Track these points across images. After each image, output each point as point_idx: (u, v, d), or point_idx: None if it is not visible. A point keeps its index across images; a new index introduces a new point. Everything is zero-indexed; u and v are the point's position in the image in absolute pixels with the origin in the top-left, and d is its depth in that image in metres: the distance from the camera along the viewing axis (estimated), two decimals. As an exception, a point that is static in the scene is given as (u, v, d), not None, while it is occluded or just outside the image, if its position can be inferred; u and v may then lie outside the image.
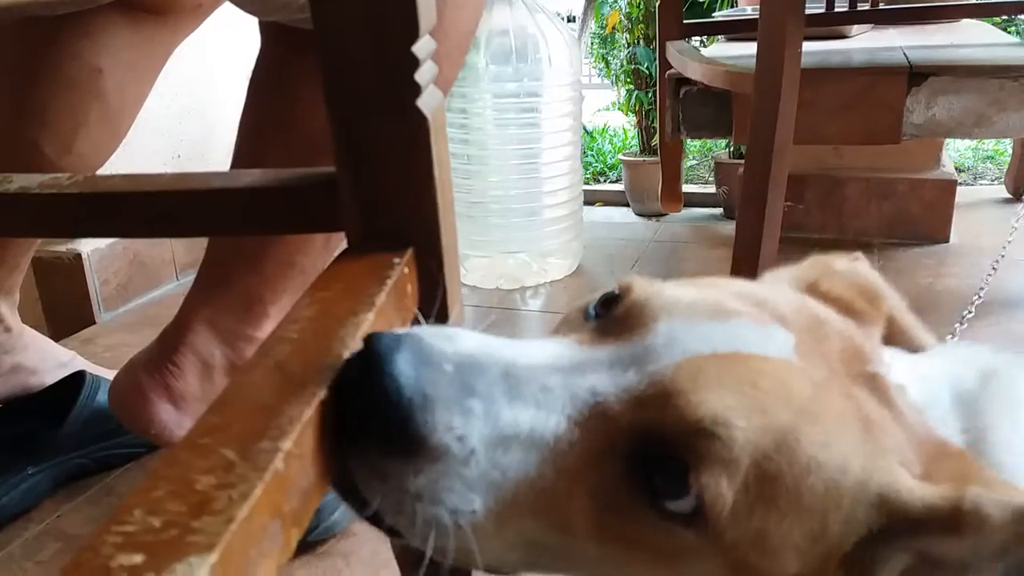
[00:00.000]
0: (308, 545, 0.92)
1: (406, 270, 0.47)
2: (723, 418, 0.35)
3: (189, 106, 1.78)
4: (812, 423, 0.37)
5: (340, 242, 0.52)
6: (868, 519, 0.38)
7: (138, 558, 0.25)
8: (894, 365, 0.45)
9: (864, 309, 0.49)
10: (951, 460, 0.40)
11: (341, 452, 0.35)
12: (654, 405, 0.36)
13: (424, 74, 0.46)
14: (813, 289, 0.49)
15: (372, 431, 0.34)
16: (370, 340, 0.35)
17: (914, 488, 0.38)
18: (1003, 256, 1.34)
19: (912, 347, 0.52)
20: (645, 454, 0.36)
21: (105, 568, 0.25)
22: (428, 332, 0.37)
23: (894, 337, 0.51)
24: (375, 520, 0.37)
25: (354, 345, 0.37)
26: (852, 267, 0.52)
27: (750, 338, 0.39)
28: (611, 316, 0.42)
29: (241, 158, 0.79)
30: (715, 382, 0.37)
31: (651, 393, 0.37)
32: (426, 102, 0.46)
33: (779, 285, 0.49)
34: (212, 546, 0.26)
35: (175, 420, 0.85)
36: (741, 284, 0.45)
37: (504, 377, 0.37)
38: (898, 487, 0.38)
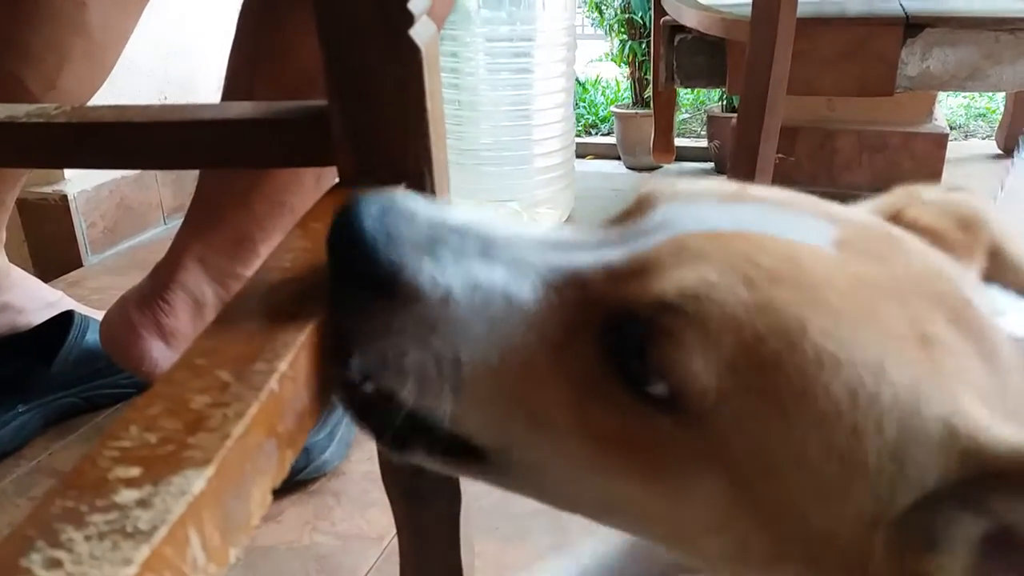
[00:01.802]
0: (299, 484, 0.94)
1: (398, 205, 0.47)
2: (692, 291, 0.31)
3: (175, 46, 1.74)
4: (829, 313, 0.31)
5: (330, 182, 0.51)
6: (927, 461, 0.30)
7: (135, 471, 0.26)
8: (1008, 309, 0.36)
9: (959, 240, 0.39)
10: None
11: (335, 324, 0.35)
12: (629, 280, 0.33)
13: (417, 4, 0.45)
14: (897, 219, 0.40)
15: (343, 278, 0.34)
16: (347, 196, 0.35)
17: (996, 426, 0.30)
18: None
19: None
20: (620, 333, 0.33)
21: (103, 479, 0.25)
22: (409, 194, 0.36)
23: (1002, 276, 0.41)
24: (356, 405, 0.37)
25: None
26: (946, 195, 0.43)
27: (767, 221, 0.34)
28: (622, 213, 0.38)
29: (231, 92, 0.78)
30: (698, 256, 0.32)
31: (628, 268, 0.33)
32: (419, 33, 0.45)
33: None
34: (208, 461, 0.26)
35: (166, 357, 0.86)
36: (791, 192, 0.38)
37: (479, 238, 0.35)
38: (973, 421, 0.30)
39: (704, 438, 0.31)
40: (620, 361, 0.32)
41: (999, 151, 2.25)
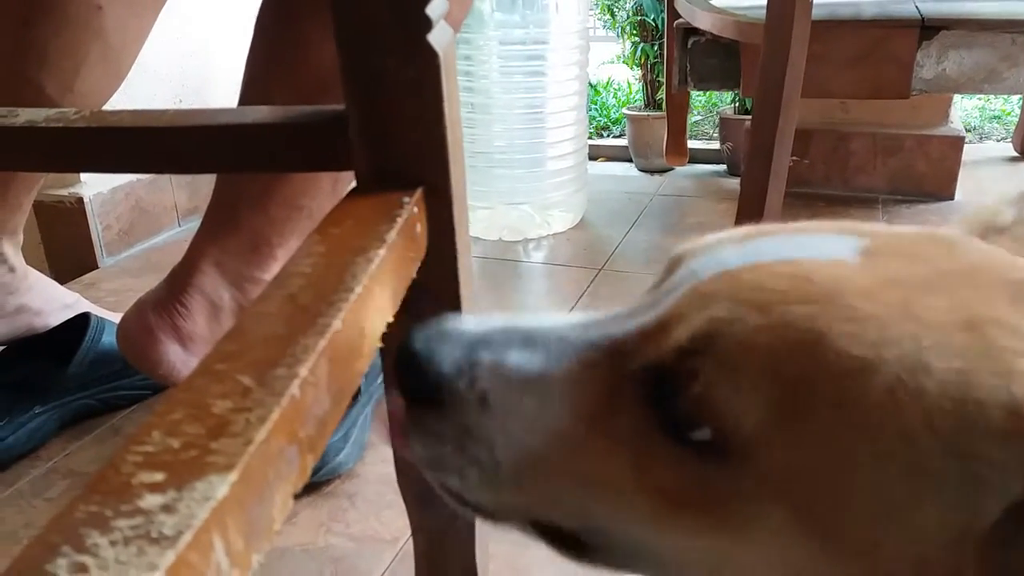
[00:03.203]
0: (313, 485, 0.94)
1: (415, 209, 0.47)
2: (704, 331, 0.32)
3: (190, 50, 1.75)
4: (849, 318, 0.30)
5: (347, 186, 0.51)
6: (1001, 456, 0.27)
7: (159, 476, 0.26)
8: None
9: None
10: None
11: None
12: (656, 337, 0.34)
13: (435, 8, 0.45)
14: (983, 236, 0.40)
15: (407, 397, 0.38)
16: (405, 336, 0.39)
17: None
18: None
19: None
20: (655, 387, 0.34)
21: (127, 484, 0.25)
22: (459, 317, 0.39)
23: None
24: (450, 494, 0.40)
25: (365, 279, 0.38)
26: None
27: (781, 249, 0.34)
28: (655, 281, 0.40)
29: (248, 96, 0.79)
30: (710, 298, 0.33)
31: (655, 327, 0.35)
32: (437, 38, 0.45)
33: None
34: (231, 466, 0.26)
35: (183, 360, 0.86)
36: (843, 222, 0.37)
37: (518, 332, 0.38)
38: None
39: (757, 474, 0.30)
40: (661, 415, 0.33)
41: (1015, 153, 2.23)
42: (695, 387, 0.31)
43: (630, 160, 2.43)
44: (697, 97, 3.13)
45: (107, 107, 0.99)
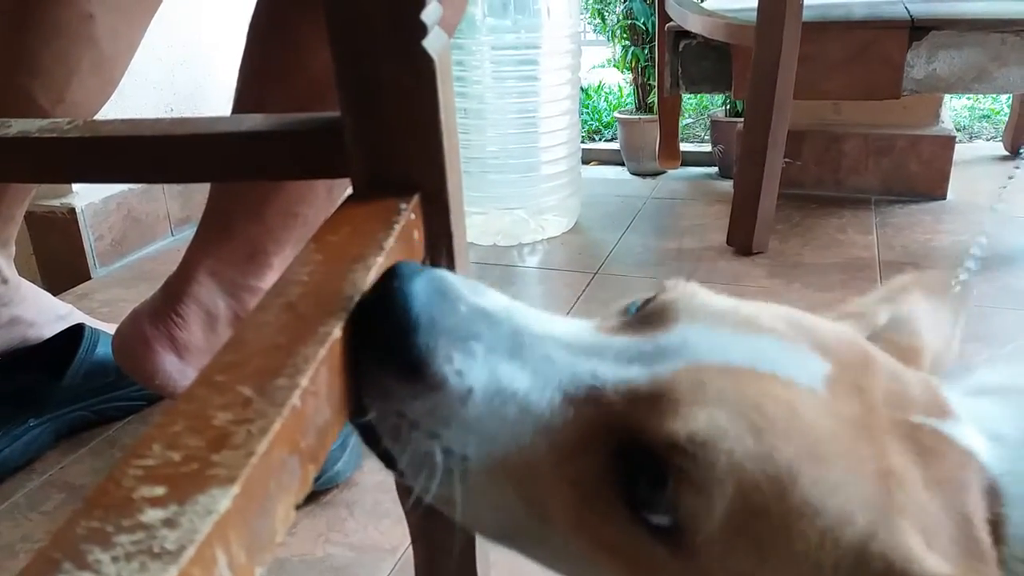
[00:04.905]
0: (311, 495, 0.93)
1: (413, 216, 0.47)
2: (704, 438, 0.33)
3: (182, 58, 1.75)
4: (816, 462, 0.34)
5: (343, 193, 0.51)
6: None
7: (160, 490, 0.25)
8: (962, 414, 0.39)
9: (913, 350, 0.44)
10: (969, 541, 0.35)
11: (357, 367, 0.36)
12: (646, 406, 0.35)
13: (430, 14, 0.45)
14: (874, 334, 0.45)
15: (378, 342, 0.35)
16: (396, 264, 0.36)
17: (925, 561, 0.33)
18: (995, 209, 1.34)
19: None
20: (630, 455, 0.35)
21: (128, 499, 0.25)
22: (455, 275, 0.37)
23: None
24: (373, 439, 0.38)
25: (365, 286, 0.37)
26: (897, 314, 0.47)
27: (774, 358, 0.36)
28: (640, 313, 0.41)
29: (242, 104, 0.78)
30: (713, 397, 0.34)
31: (647, 392, 0.35)
32: (432, 44, 0.45)
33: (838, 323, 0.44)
34: (233, 479, 0.26)
35: (179, 370, 0.85)
36: (791, 310, 0.41)
37: (511, 335, 0.37)
38: (907, 555, 0.33)
39: (688, 565, 0.34)
40: (628, 485, 0.34)
41: (1006, 152, 2.24)
42: (681, 485, 0.33)
43: (622, 164, 2.43)
44: (688, 100, 3.13)
45: (98, 116, 0.98)
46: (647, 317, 0.40)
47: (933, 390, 0.41)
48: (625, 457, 0.35)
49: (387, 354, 0.35)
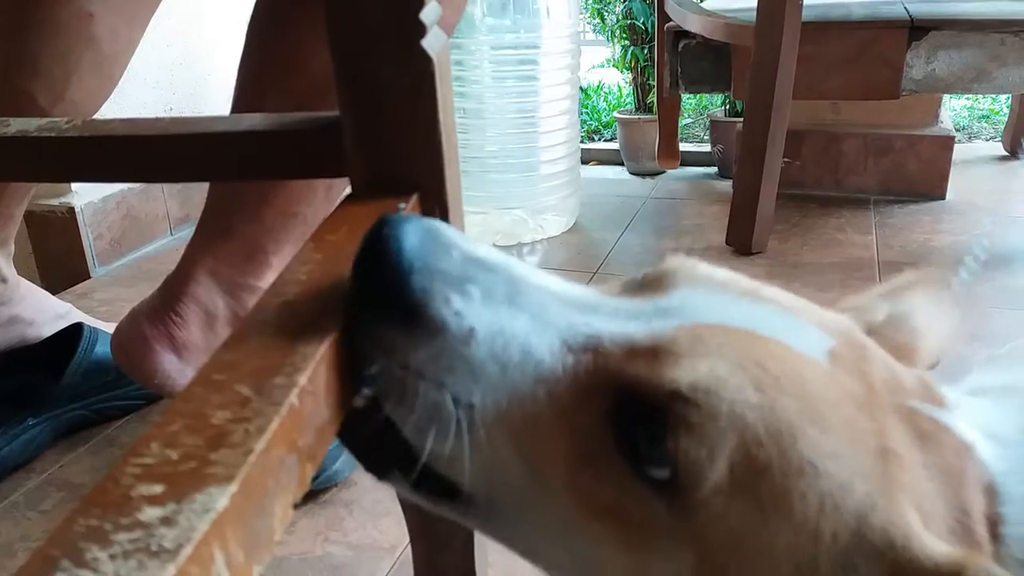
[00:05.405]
0: (310, 494, 0.93)
1: (411, 215, 0.47)
2: (706, 385, 0.32)
3: (181, 57, 1.75)
4: (819, 426, 0.33)
5: (341, 193, 0.51)
6: (867, 565, 0.33)
7: (158, 488, 0.25)
8: (957, 404, 0.40)
9: (908, 346, 0.44)
10: (965, 531, 0.35)
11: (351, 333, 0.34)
12: (646, 359, 0.34)
13: (429, 14, 0.45)
14: (868, 328, 0.45)
15: (371, 294, 0.34)
16: (382, 214, 0.34)
17: (925, 539, 0.33)
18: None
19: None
20: (629, 407, 0.34)
21: (126, 497, 0.25)
22: (447, 225, 0.36)
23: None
24: (360, 449, 0.37)
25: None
26: (896, 309, 0.47)
27: (776, 325, 0.36)
28: (640, 281, 0.40)
29: (241, 103, 0.78)
30: (713, 350, 0.34)
31: (646, 346, 0.35)
32: (431, 43, 0.45)
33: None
34: (231, 477, 0.26)
35: (178, 369, 0.85)
36: (791, 294, 0.41)
37: (508, 282, 0.36)
38: (907, 532, 0.33)
39: (688, 523, 0.33)
40: (627, 437, 0.34)
41: (1005, 153, 2.24)
42: (682, 434, 0.32)
43: (621, 163, 2.44)
44: (687, 100, 3.13)
45: (97, 115, 0.98)
46: (646, 284, 0.40)
47: (928, 383, 0.41)
48: (624, 410, 0.34)
49: (384, 302, 0.34)
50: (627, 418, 0.34)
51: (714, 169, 2.27)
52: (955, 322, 0.49)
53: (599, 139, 3.11)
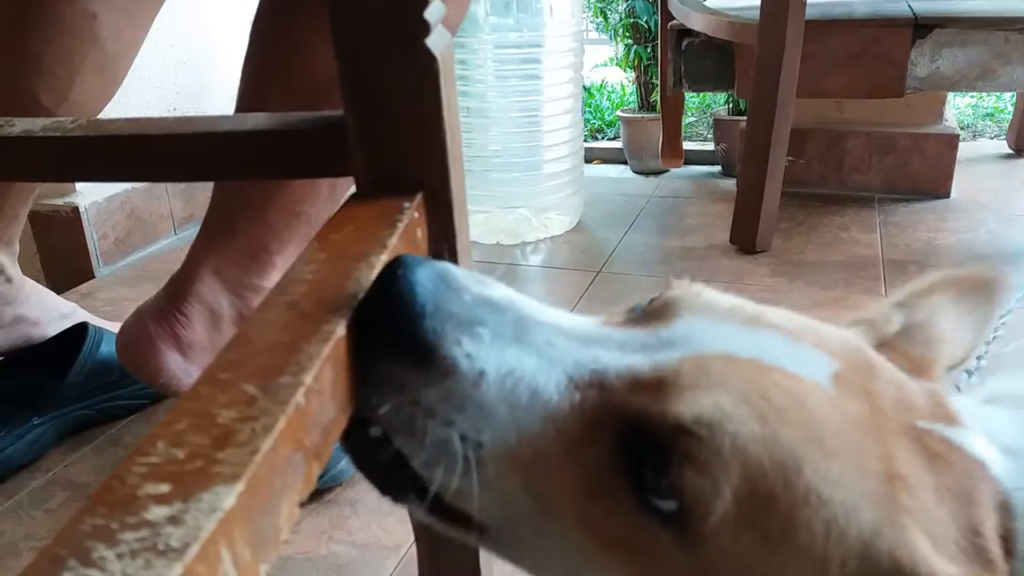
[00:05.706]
0: (315, 493, 0.93)
1: (416, 214, 0.47)
2: (709, 419, 0.33)
3: (184, 57, 1.75)
4: (823, 454, 0.34)
5: (345, 192, 0.51)
6: None
7: (165, 487, 0.26)
8: (970, 418, 0.39)
9: (922, 359, 0.44)
10: (978, 551, 0.35)
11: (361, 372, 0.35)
12: (650, 392, 0.35)
13: (433, 12, 0.45)
14: (879, 343, 0.45)
15: (385, 334, 0.35)
16: (399, 255, 0.36)
17: (933, 562, 0.33)
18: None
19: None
20: (636, 441, 0.35)
21: (133, 496, 0.25)
22: (458, 267, 0.38)
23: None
24: (365, 461, 0.38)
25: (368, 284, 0.37)
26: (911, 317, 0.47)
27: (780, 352, 0.36)
28: (644, 311, 0.41)
29: (245, 103, 0.78)
30: (716, 383, 0.34)
31: (650, 379, 0.35)
32: (435, 42, 0.45)
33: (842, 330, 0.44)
34: (238, 476, 0.26)
35: (183, 369, 0.86)
36: (797, 315, 0.41)
37: (515, 322, 0.37)
38: (915, 556, 0.33)
39: (696, 554, 0.34)
40: (634, 470, 0.34)
41: (1009, 151, 2.24)
42: (687, 467, 0.33)
43: (625, 162, 2.43)
44: (690, 99, 3.13)
45: (102, 115, 0.98)
46: (650, 313, 0.40)
47: (939, 399, 0.40)
48: (630, 443, 0.35)
49: (397, 342, 0.35)
50: (634, 451, 0.35)
51: (718, 168, 2.27)
52: (986, 327, 0.48)
53: (602, 138, 3.11)
